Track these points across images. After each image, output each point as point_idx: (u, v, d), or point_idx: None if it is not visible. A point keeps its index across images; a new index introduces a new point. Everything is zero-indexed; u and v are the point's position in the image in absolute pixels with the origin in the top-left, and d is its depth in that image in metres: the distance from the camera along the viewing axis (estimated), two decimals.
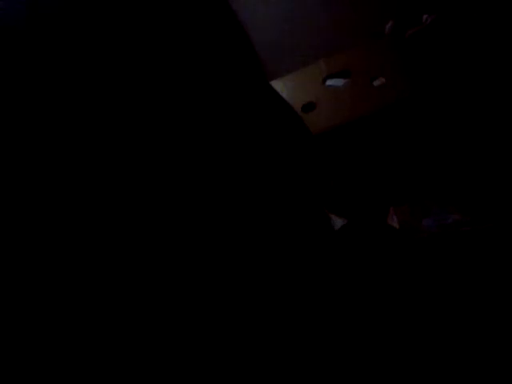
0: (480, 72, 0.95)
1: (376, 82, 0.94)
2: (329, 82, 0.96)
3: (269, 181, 0.26)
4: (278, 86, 0.95)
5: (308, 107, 0.92)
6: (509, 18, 0.97)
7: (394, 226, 0.78)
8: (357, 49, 0.97)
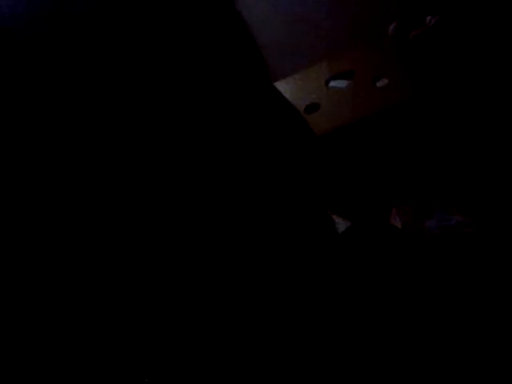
0: (484, 74, 0.94)
1: (379, 83, 0.94)
2: (332, 84, 0.96)
3: (272, 181, 0.26)
4: (281, 87, 0.95)
5: (311, 108, 0.93)
6: None
7: (396, 227, 0.77)
8: (360, 50, 0.97)
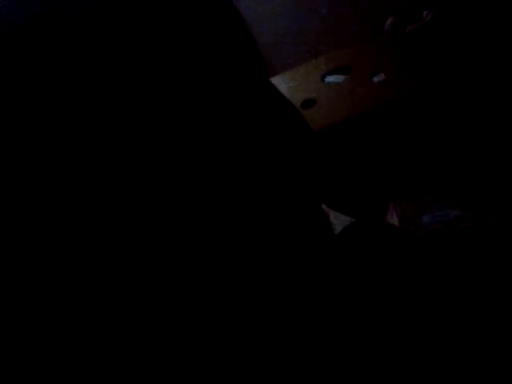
0: (481, 68, 0.94)
1: (376, 79, 0.94)
2: (329, 79, 0.96)
3: (268, 178, 0.25)
4: (277, 82, 0.95)
5: (308, 104, 0.92)
6: (509, 14, 0.97)
7: (393, 222, 0.77)
8: (357, 45, 0.96)
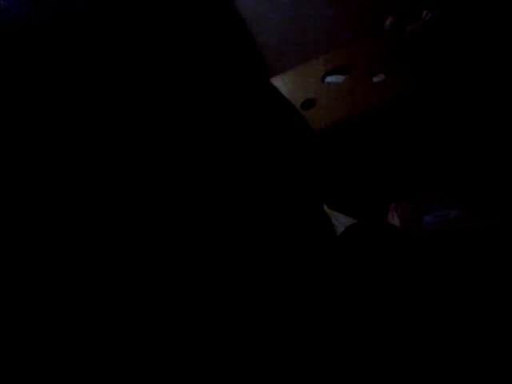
0: (481, 68, 0.94)
1: (376, 79, 0.93)
2: (328, 79, 0.96)
3: (269, 179, 0.25)
4: (277, 83, 0.95)
5: (307, 104, 0.92)
6: (510, 14, 0.97)
7: (394, 222, 0.77)
8: (356, 45, 0.96)
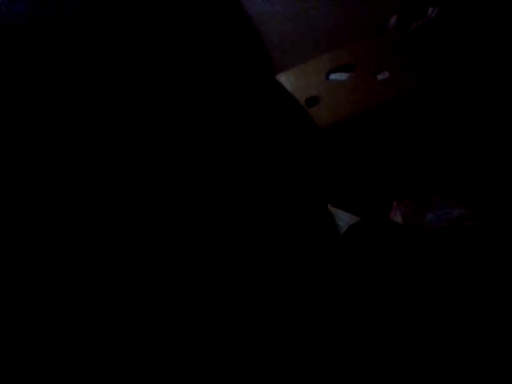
0: (486, 65, 0.94)
1: (380, 76, 0.93)
2: (332, 77, 0.96)
3: (274, 175, 0.25)
4: (281, 80, 0.95)
5: (311, 102, 0.92)
6: None
7: (397, 220, 0.77)
8: (361, 43, 0.96)
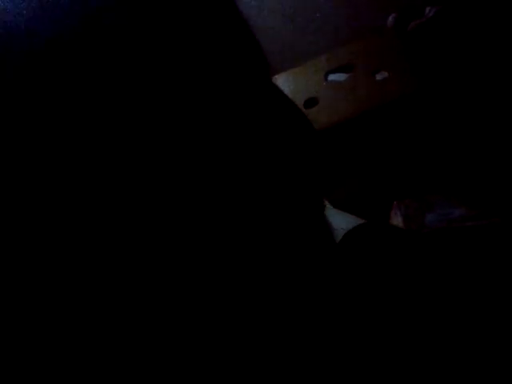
0: (484, 65, 0.93)
1: (379, 76, 0.93)
2: (331, 77, 0.95)
3: (271, 178, 0.25)
4: (279, 81, 0.94)
5: (310, 103, 0.92)
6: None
7: (397, 220, 0.77)
8: (359, 43, 0.96)
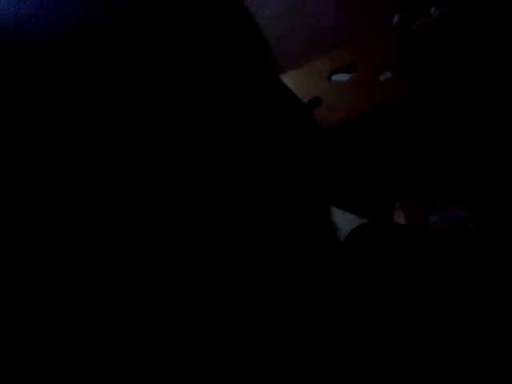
0: (488, 65, 0.93)
1: (382, 77, 0.93)
2: (335, 77, 0.95)
3: (277, 177, 0.25)
4: (283, 81, 0.94)
5: (313, 103, 0.92)
6: None
7: (400, 221, 0.77)
8: (363, 42, 0.96)
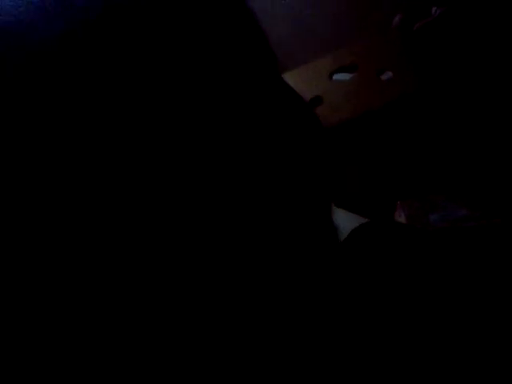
0: (489, 65, 0.93)
1: (383, 76, 0.93)
2: (336, 77, 0.96)
3: (278, 176, 0.25)
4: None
5: (315, 102, 0.92)
6: None
7: (401, 220, 0.77)
8: (364, 42, 0.96)
